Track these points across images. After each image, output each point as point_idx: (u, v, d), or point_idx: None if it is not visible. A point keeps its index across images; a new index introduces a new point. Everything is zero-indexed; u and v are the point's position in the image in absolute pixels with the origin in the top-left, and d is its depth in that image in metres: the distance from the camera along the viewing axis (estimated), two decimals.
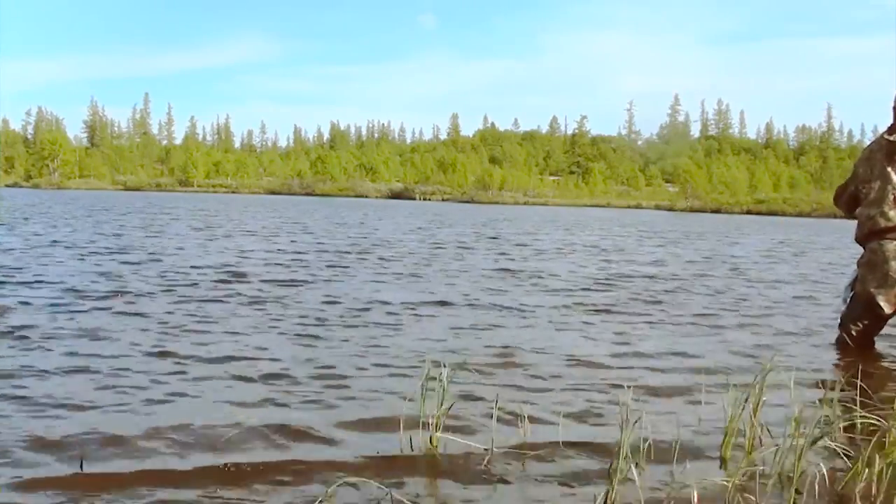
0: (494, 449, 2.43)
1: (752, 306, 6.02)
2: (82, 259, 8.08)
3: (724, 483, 2.10)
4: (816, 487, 2.14)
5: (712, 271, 9.13)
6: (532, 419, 2.68)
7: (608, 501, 2.02)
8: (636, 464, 2.11)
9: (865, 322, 4.28)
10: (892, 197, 4.11)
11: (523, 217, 30.45)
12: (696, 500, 1.96)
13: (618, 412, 2.61)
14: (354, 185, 75.23)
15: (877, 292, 4.14)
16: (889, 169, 4.13)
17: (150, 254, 8.95)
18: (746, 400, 2.45)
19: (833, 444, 2.38)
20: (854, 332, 4.32)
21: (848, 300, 4.40)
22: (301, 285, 6.43)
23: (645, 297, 6.40)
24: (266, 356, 3.70)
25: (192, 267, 7.55)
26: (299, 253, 9.77)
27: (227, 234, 13.19)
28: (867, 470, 2.13)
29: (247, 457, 2.34)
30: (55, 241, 10.25)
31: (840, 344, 4.37)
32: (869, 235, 4.20)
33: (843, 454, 2.36)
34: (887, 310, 4.15)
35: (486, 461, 2.35)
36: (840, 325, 4.44)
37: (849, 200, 4.42)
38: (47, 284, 5.89)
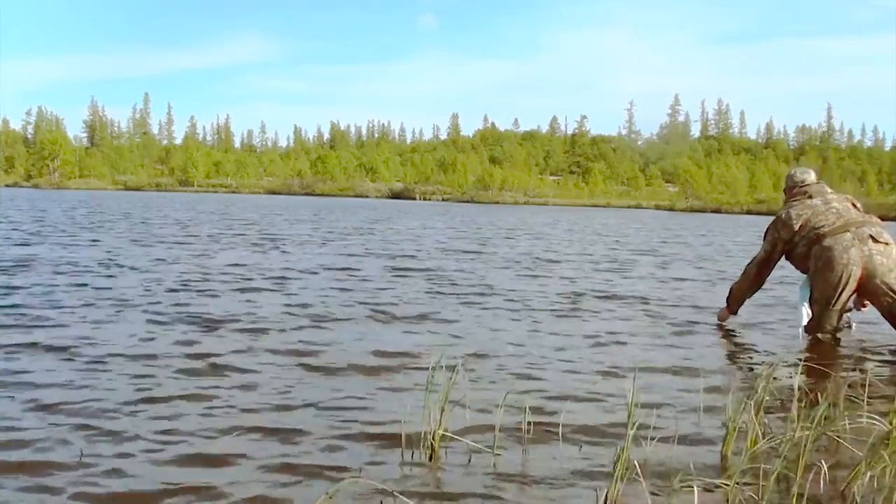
0: (497, 448, 2.43)
1: (753, 306, 6.00)
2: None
3: (725, 482, 2.09)
4: (818, 487, 2.14)
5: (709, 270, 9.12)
6: (534, 418, 2.68)
7: (609, 501, 2.01)
8: (638, 463, 2.11)
9: (832, 320, 4.45)
10: (823, 208, 4.50)
11: (543, 218, 30.41)
12: (696, 499, 1.96)
13: (619, 412, 2.61)
14: (354, 185, 75.08)
15: (847, 270, 4.27)
16: (808, 201, 4.57)
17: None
18: (749, 398, 2.45)
19: (835, 444, 2.38)
20: (830, 334, 4.48)
21: (809, 314, 4.54)
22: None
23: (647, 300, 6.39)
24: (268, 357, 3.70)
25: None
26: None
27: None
28: (869, 470, 2.12)
29: (245, 457, 2.34)
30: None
31: (842, 343, 4.37)
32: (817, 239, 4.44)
33: (845, 454, 2.35)
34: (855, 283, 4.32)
35: (488, 461, 2.35)
36: (810, 334, 4.55)
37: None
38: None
